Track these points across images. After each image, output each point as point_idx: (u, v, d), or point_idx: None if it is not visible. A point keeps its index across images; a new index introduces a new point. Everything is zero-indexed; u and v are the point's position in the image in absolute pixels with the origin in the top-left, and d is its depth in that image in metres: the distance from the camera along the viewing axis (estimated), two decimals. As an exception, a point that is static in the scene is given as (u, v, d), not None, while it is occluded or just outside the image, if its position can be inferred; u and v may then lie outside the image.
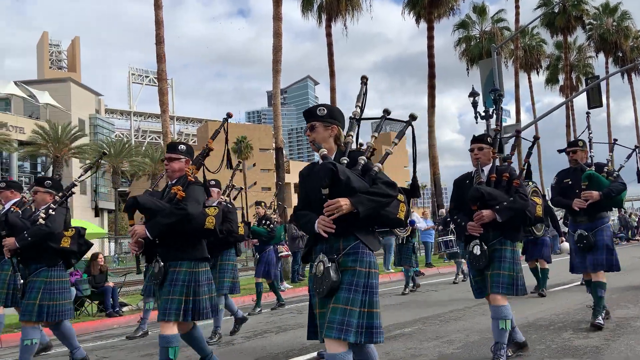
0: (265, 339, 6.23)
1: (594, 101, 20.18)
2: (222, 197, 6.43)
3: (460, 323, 6.35)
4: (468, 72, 33.30)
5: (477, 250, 4.11)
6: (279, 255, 11.99)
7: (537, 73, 40.50)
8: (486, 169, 4.31)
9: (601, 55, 40.59)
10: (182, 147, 4.20)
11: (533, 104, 41.68)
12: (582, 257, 5.48)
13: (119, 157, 49.19)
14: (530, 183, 5.62)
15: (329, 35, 23.72)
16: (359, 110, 3.03)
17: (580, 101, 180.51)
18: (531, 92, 41.17)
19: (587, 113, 6.28)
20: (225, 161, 4.34)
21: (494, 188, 4.14)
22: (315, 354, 5.09)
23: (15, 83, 48.65)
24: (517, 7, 31.73)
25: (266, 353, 5.41)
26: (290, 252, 12.59)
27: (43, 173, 44.14)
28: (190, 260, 3.96)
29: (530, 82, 40.60)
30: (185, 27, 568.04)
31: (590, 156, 5.57)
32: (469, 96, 21.23)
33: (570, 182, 5.58)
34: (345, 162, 2.84)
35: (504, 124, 21.54)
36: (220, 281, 6.10)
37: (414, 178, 3.13)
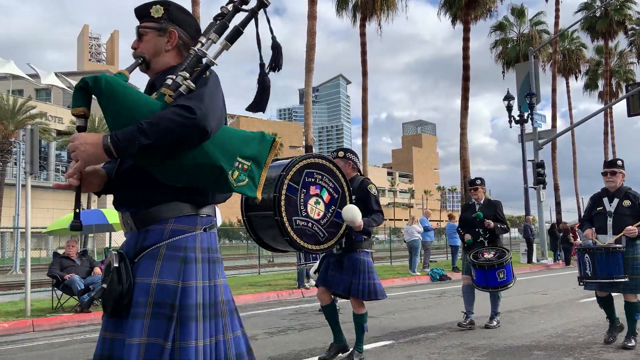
0: (288, 336, 6.25)
1: (634, 108, 19.60)
2: None
3: (486, 330, 6.25)
4: (504, 75, 32.87)
5: None
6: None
7: (576, 78, 39.55)
8: None
9: (643, 61, 39.38)
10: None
11: (570, 109, 40.66)
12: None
13: (152, 150, 49.99)
14: None
15: (362, 34, 23.64)
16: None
17: (619, 108, 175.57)
18: (569, 97, 40.25)
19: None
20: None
21: None
22: (342, 355, 5.08)
23: (56, 74, 49.89)
24: (557, 10, 31.07)
25: (288, 350, 5.43)
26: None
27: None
28: None
29: (568, 87, 39.69)
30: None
31: None
32: (504, 100, 20.91)
33: None
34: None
35: (538, 130, 21.14)
36: None
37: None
